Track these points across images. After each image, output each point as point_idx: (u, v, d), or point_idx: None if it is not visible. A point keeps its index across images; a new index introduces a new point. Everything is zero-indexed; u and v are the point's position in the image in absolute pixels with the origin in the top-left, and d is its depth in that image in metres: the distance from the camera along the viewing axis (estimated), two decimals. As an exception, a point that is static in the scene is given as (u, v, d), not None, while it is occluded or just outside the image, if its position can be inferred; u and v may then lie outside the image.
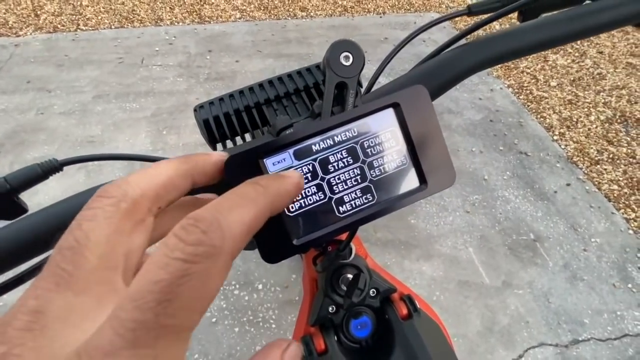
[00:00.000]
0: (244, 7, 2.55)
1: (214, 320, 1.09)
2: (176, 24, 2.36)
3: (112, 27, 2.30)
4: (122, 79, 1.92)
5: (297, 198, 0.19)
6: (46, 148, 1.55)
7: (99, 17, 2.35)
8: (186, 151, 1.56)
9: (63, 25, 2.26)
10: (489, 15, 0.26)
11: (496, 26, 2.31)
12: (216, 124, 0.28)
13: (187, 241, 0.10)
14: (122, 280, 0.12)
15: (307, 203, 0.19)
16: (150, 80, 1.92)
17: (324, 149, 0.19)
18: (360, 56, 0.21)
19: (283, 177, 0.16)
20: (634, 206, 1.46)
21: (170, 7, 2.50)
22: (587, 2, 0.27)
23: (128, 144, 1.59)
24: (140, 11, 2.44)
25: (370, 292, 0.34)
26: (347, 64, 0.21)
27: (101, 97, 1.80)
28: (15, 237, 0.21)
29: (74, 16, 2.34)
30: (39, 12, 2.34)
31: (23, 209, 0.24)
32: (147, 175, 0.13)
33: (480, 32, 0.29)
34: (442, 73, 0.24)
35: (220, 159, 0.17)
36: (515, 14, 0.28)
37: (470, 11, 0.29)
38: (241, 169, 0.17)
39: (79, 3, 2.46)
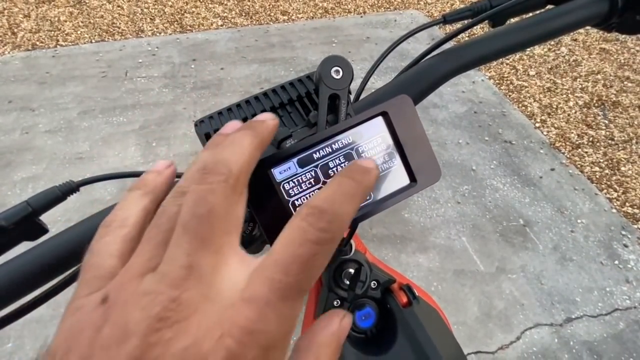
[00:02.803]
0: (225, 14, 2.55)
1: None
2: (158, 34, 2.35)
3: (93, 41, 2.27)
4: (106, 93, 1.90)
5: (303, 203, 0.21)
6: (34, 168, 1.53)
7: (78, 32, 2.33)
8: (178, 162, 1.56)
9: (42, 42, 2.23)
10: (462, 24, 0.29)
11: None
12: None
13: (317, 227, 0.13)
14: (237, 242, 0.15)
15: None
16: (136, 93, 1.91)
17: (323, 156, 0.21)
18: (349, 69, 0.24)
19: (369, 171, 0.16)
20: (615, 186, 1.52)
21: (150, 18, 2.48)
22: (549, 7, 0.30)
23: (118, 158, 1.58)
24: (120, 23, 2.42)
25: (372, 284, 0.36)
26: (338, 77, 0.23)
27: (87, 113, 1.79)
28: (44, 257, 0.22)
29: (53, 32, 2.31)
30: (15, 30, 2.31)
31: (44, 230, 0.25)
32: (239, 154, 0.16)
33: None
34: (422, 80, 0.27)
35: (275, 124, 0.18)
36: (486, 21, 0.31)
37: (445, 20, 0.31)
38: (252, 178, 0.19)
39: (56, 19, 2.43)
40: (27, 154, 1.59)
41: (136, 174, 0.30)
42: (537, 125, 1.80)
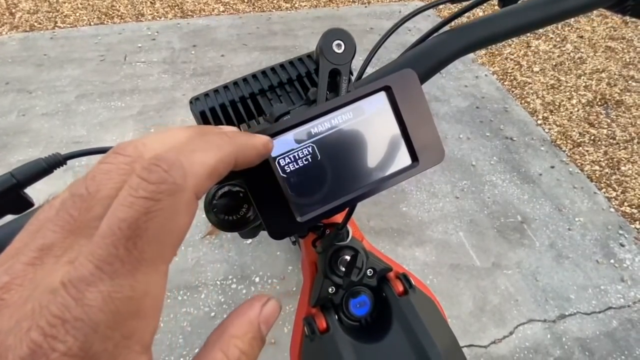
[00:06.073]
0: (227, 0, 2.51)
1: (212, 314, 1.10)
2: (158, 18, 2.31)
3: (92, 23, 2.23)
4: (105, 77, 1.88)
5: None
6: (30, 150, 1.52)
7: (77, 14, 2.29)
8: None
9: (40, 24, 2.19)
10: (470, 2, 0.28)
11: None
12: (212, 115, 0.29)
13: (149, 180, 0.11)
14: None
15: None
16: (135, 78, 1.88)
17: (321, 132, 0.20)
18: (352, 43, 0.22)
19: (252, 135, 0.16)
20: (614, 185, 1.52)
21: (151, 2, 2.44)
22: (562, -14, 0.29)
23: (115, 143, 1.56)
24: (119, 6, 2.38)
25: (368, 271, 0.36)
26: (340, 51, 0.22)
27: (84, 97, 1.76)
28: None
29: (51, 13, 2.27)
30: (13, 11, 2.26)
31: (29, 204, 0.24)
32: (162, 141, 0.14)
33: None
34: (429, 58, 0.26)
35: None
36: (495, 0, 0.29)
37: None
38: None
39: (55, 0, 2.38)
40: (23, 136, 1.57)
41: None
42: (539, 122, 1.78)
